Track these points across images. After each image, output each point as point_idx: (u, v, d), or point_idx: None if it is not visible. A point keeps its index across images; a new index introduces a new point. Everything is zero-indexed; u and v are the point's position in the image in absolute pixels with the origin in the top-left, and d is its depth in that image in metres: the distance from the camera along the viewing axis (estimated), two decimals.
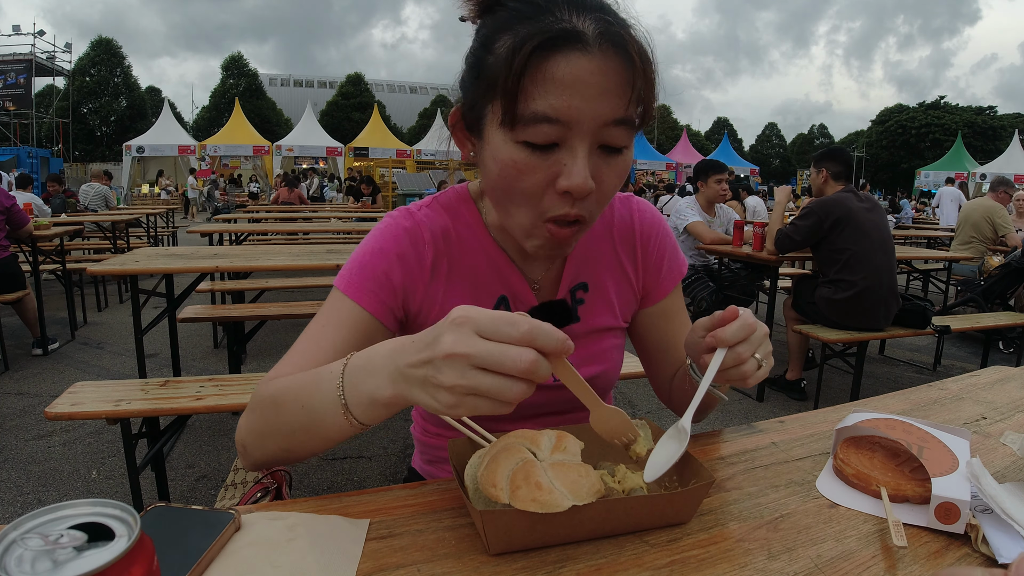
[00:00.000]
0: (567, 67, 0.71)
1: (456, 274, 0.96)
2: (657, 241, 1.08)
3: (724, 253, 4.69)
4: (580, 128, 0.73)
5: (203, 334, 5.53)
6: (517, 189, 0.78)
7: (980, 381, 1.27)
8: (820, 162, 4.06)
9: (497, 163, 0.78)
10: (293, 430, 0.75)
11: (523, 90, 0.72)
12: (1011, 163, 26.59)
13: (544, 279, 1.01)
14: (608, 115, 0.74)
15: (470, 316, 0.56)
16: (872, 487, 0.78)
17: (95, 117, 38.83)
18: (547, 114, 0.72)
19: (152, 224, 9.60)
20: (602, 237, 1.05)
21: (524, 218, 0.81)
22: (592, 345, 1.04)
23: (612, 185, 0.80)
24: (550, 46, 0.71)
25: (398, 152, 26.26)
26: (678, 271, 1.10)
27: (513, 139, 0.75)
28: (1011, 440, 0.96)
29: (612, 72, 0.72)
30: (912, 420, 0.87)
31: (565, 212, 0.78)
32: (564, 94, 0.71)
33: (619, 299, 1.06)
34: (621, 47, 0.73)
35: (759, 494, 0.78)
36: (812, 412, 1.06)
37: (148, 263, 3.00)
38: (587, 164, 0.75)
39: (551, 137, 0.74)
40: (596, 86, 0.72)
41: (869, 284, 3.69)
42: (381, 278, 0.92)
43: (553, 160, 0.75)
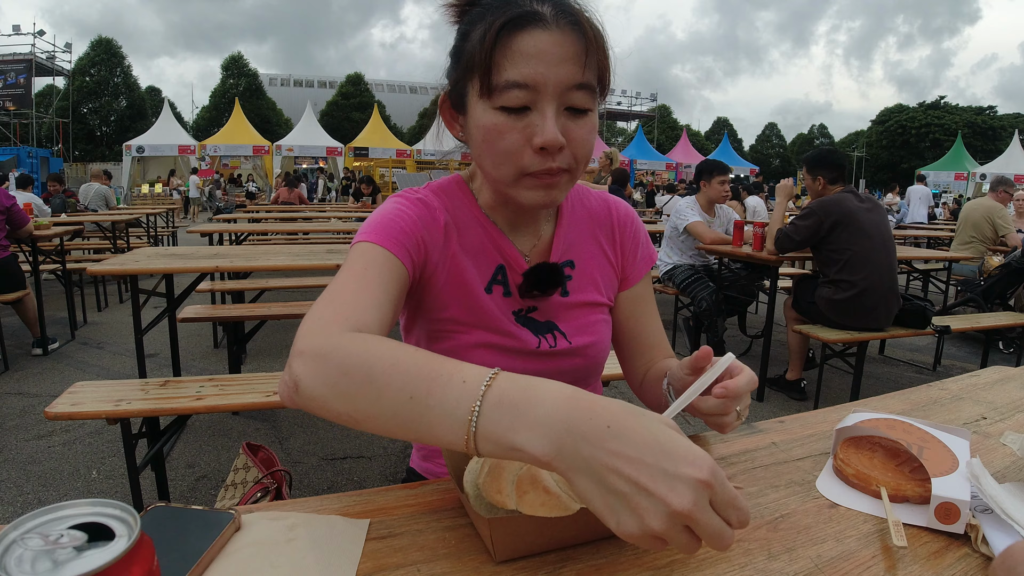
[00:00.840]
0: (531, 41, 0.84)
1: (460, 249, 1.03)
2: (632, 229, 1.19)
3: (724, 253, 4.68)
4: (546, 92, 0.85)
5: (203, 334, 5.53)
6: (499, 149, 0.89)
7: (980, 381, 1.27)
8: (814, 170, 4.04)
9: (480, 129, 0.90)
10: (388, 416, 0.62)
11: (496, 63, 0.85)
12: (1011, 163, 26.57)
13: (533, 252, 1.09)
14: (569, 79, 0.85)
15: (715, 483, 0.51)
16: (872, 487, 0.78)
17: (95, 117, 38.80)
18: (517, 80, 0.84)
19: (152, 224, 9.60)
20: (584, 222, 1.15)
21: (508, 173, 0.90)
22: (582, 317, 1.10)
23: (583, 140, 0.90)
24: (516, 25, 0.85)
25: (398, 152, 26.24)
26: (650, 259, 1.21)
27: (491, 106, 0.87)
28: (1011, 440, 0.96)
29: (569, 44, 0.85)
30: (912, 420, 0.87)
31: (547, 167, 0.88)
32: (530, 63, 0.84)
33: (603, 278, 1.14)
34: (575, 23, 0.86)
35: (759, 494, 0.78)
36: (812, 412, 1.07)
37: (148, 263, 3.00)
38: (555, 122, 0.86)
39: (522, 100, 0.85)
40: (556, 55, 0.84)
41: (870, 284, 3.68)
42: (406, 230, 0.94)
43: (527, 122, 0.87)
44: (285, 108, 45.71)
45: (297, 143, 26.10)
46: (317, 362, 0.67)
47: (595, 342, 1.11)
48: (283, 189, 11.23)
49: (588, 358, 1.11)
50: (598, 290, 1.13)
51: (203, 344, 5.31)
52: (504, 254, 1.05)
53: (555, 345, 1.07)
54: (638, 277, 1.18)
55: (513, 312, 1.05)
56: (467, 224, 1.04)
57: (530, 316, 1.06)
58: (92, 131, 38.64)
